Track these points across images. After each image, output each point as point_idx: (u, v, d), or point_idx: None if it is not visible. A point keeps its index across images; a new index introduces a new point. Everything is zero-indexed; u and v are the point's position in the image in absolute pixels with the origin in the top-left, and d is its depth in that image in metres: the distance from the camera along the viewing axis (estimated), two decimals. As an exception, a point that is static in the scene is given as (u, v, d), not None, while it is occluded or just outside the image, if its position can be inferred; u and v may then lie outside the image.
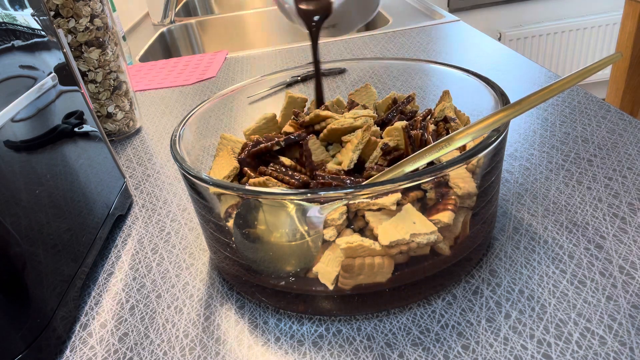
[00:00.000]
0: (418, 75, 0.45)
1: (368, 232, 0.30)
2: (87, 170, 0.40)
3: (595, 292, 0.31)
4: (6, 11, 0.33)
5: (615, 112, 0.50)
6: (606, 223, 0.36)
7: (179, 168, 0.32)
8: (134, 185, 0.51)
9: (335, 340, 0.30)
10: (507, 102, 0.33)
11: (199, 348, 0.31)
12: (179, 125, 0.37)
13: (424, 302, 0.32)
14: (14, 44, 0.33)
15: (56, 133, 0.37)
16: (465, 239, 0.32)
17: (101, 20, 0.57)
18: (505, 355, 0.28)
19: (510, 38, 2.12)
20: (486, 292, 0.32)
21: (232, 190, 0.29)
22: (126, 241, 0.42)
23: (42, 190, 0.33)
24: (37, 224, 0.32)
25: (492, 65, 0.69)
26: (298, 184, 0.34)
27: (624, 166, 0.42)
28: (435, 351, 0.29)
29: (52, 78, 0.37)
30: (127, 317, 0.34)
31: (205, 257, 0.39)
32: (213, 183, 0.29)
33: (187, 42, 1.26)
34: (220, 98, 0.42)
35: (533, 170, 0.43)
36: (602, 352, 0.27)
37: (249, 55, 0.90)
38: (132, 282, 0.37)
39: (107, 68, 0.59)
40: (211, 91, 0.74)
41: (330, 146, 0.39)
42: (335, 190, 0.27)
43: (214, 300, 0.35)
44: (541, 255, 0.34)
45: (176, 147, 0.34)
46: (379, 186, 0.27)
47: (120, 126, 0.62)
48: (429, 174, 0.27)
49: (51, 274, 0.32)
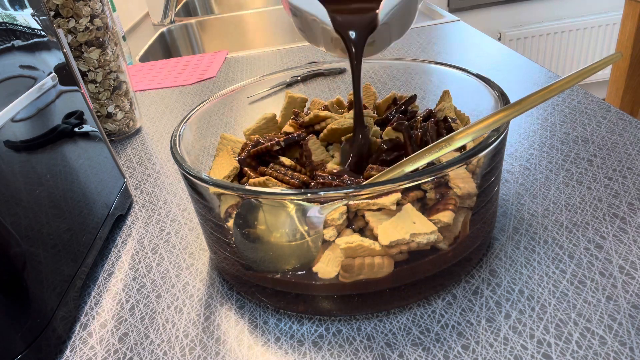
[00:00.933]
0: (418, 75, 0.45)
1: (368, 232, 0.30)
2: (87, 170, 0.40)
3: (595, 292, 0.31)
4: (6, 11, 0.33)
5: (615, 112, 0.50)
6: (606, 223, 0.36)
7: (179, 168, 0.32)
8: (134, 185, 0.51)
9: (335, 340, 0.30)
10: (507, 102, 0.33)
11: (199, 348, 0.31)
12: (179, 125, 0.37)
13: (424, 302, 0.32)
14: (14, 44, 0.33)
15: (56, 133, 0.37)
16: (465, 238, 0.32)
17: (101, 20, 0.57)
18: (505, 355, 0.28)
19: (510, 38, 2.12)
20: (486, 292, 0.32)
21: (232, 190, 0.29)
22: (126, 241, 0.42)
23: (42, 190, 0.33)
24: (37, 224, 0.32)
25: (492, 65, 0.69)
26: (298, 184, 0.34)
27: (624, 166, 0.42)
28: (435, 351, 0.29)
29: (52, 78, 0.37)
30: (127, 317, 0.34)
31: (205, 257, 0.39)
32: (213, 183, 0.29)
33: (187, 42, 1.26)
34: (220, 98, 0.42)
35: (533, 170, 0.43)
36: (602, 352, 0.27)
37: (249, 55, 0.90)
38: (132, 282, 0.37)
39: (107, 68, 0.59)
40: (211, 91, 0.74)
41: (330, 146, 0.39)
42: (335, 190, 0.27)
43: (214, 300, 0.35)
44: (541, 255, 0.34)
45: (176, 147, 0.34)
46: (379, 186, 0.27)
47: (120, 126, 0.62)
48: (429, 174, 0.27)
49: (51, 274, 0.32)
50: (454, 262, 0.32)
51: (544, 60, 2.20)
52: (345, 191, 0.27)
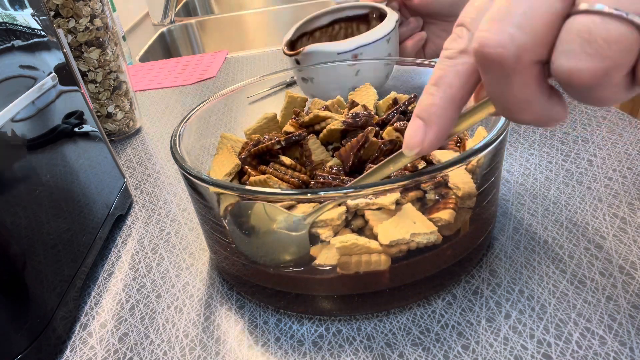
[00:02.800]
0: (418, 75, 0.45)
1: (368, 232, 0.30)
2: (87, 170, 0.40)
3: (595, 292, 0.31)
4: (6, 11, 0.33)
5: (615, 112, 0.50)
6: (606, 223, 0.36)
7: (179, 168, 0.32)
8: (134, 185, 0.51)
9: (335, 340, 0.30)
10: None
11: (199, 348, 0.31)
12: (179, 125, 0.37)
13: (424, 302, 0.32)
14: (14, 44, 0.33)
15: (56, 133, 0.37)
16: (465, 238, 0.32)
17: (101, 20, 0.57)
18: (505, 355, 0.28)
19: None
20: (486, 292, 0.32)
21: (232, 190, 0.29)
22: (126, 241, 0.42)
23: (42, 190, 0.33)
24: (37, 224, 0.32)
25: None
26: (298, 183, 0.34)
27: (624, 166, 0.42)
28: (435, 351, 0.29)
29: (52, 78, 0.37)
30: (127, 317, 0.34)
31: (205, 257, 0.39)
32: (212, 183, 0.29)
33: (187, 42, 1.26)
34: (221, 98, 0.42)
35: (533, 170, 0.43)
36: (602, 352, 0.27)
37: (249, 55, 0.90)
38: (132, 282, 0.37)
39: (107, 68, 0.59)
40: (211, 91, 0.74)
41: (330, 146, 0.39)
42: (335, 191, 0.27)
43: (214, 300, 0.35)
44: (541, 255, 0.34)
45: (176, 146, 0.34)
46: (378, 186, 0.27)
47: (120, 126, 0.62)
48: (428, 174, 0.27)
49: (51, 274, 0.32)
50: (453, 262, 0.32)
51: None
52: (344, 191, 0.27)
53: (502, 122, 0.30)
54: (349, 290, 0.31)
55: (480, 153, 0.28)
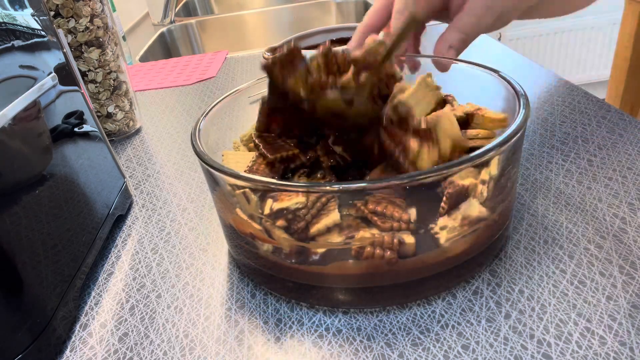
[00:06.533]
0: (418, 74, 0.45)
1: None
2: (87, 170, 0.40)
3: (595, 292, 0.31)
4: (6, 11, 0.33)
5: (615, 112, 0.50)
6: (606, 223, 0.36)
7: (201, 163, 0.31)
8: (134, 185, 0.51)
9: (335, 340, 0.30)
10: (521, 97, 0.35)
11: (199, 348, 0.31)
12: (198, 120, 0.37)
13: (424, 302, 0.32)
14: (14, 44, 0.33)
15: (56, 133, 0.37)
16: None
17: (101, 20, 0.57)
18: (505, 355, 0.28)
19: (510, 38, 2.12)
20: (486, 292, 0.32)
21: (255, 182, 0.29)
22: (126, 241, 0.42)
23: (42, 190, 0.33)
24: (37, 224, 0.32)
25: (492, 65, 0.69)
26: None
27: (624, 166, 0.42)
28: (435, 351, 0.29)
29: (52, 78, 0.37)
30: (127, 317, 0.34)
31: (205, 257, 0.39)
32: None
33: (187, 42, 1.26)
34: (232, 96, 0.42)
35: (533, 170, 0.43)
36: (602, 352, 0.27)
37: (249, 55, 0.90)
38: (132, 282, 0.37)
39: (107, 68, 0.59)
40: (211, 91, 0.74)
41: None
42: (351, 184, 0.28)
43: (214, 300, 0.35)
44: (541, 255, 0.34)
45: (197, 139, 0.34)
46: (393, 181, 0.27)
47: (120, 126, 0.62)
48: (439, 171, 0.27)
49: (51, 274, 0.32)
50: (457, 263, 0.31)
51: (543, 60, 2.20)
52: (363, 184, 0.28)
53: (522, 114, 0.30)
54: (355, 283, 0.31)
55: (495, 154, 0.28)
